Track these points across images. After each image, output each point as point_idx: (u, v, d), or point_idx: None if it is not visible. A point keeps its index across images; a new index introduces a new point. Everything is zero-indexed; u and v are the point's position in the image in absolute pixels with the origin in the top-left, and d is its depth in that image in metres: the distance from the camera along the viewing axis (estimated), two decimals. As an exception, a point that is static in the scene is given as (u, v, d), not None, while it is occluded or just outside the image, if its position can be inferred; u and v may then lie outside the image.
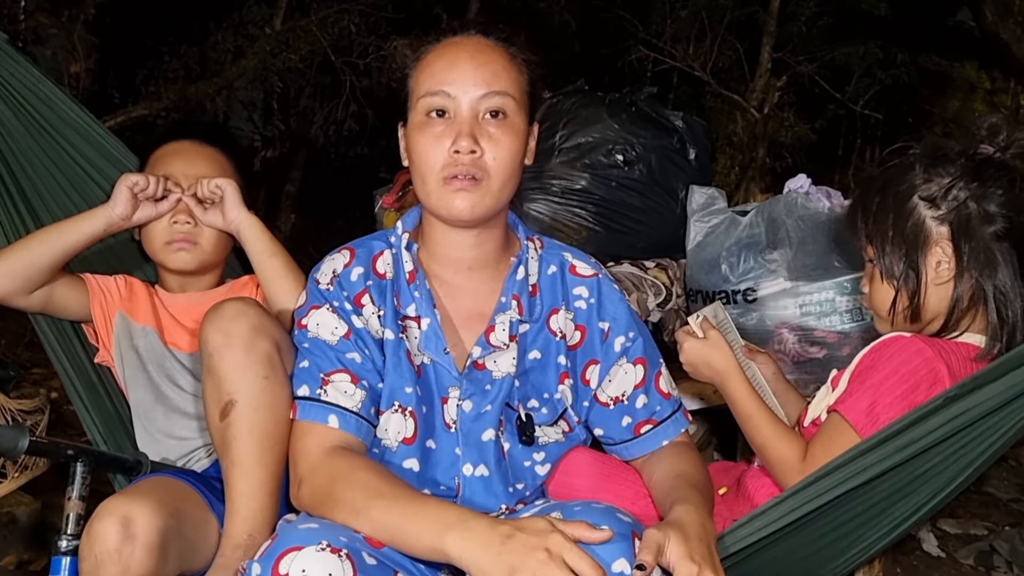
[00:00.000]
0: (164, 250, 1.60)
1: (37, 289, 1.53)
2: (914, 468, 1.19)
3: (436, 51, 1.27)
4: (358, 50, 5.93)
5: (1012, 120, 1.37)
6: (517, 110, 1.25)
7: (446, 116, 1.23)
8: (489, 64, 1.23)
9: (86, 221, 1.53)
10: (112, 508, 1.16)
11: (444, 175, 1.22)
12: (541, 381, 1.34)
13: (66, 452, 1.28)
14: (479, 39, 1.27)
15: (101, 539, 1.14)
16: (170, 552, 1.19)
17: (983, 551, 2.58)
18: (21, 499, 2.42)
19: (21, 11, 4.86)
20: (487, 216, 1.26)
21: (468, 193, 1.22)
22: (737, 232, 2.19)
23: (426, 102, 1.24)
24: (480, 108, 1.22)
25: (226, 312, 1.26)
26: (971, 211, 1.30)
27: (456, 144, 1.20)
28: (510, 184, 1.25)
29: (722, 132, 6.55)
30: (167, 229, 1.58)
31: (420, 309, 1.29)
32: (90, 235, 1.52)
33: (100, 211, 1.53)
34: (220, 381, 1.24)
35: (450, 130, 1.22)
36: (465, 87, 1.22)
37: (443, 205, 1.23)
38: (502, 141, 1.22)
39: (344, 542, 1.02)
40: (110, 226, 1.53)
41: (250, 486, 1.23)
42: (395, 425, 1.26)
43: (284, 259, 1.50)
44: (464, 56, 1.24)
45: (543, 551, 0.94)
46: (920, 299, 1.33)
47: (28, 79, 1.71)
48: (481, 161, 1.21)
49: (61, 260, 1.53)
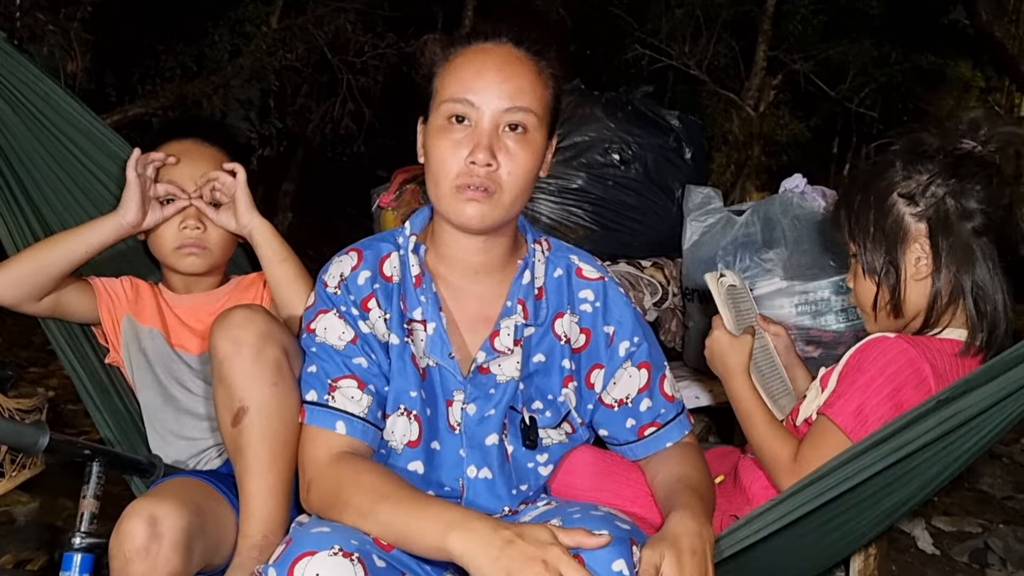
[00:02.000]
0: (174, 254, 1.59)
1: (46, 296, 1.54)
2: (905, 465, 1.21)
3: (465, 55, 1.25)
4: (355, 48, 5.93)
5: (993, 115, 1.38)
6: (538, 126, 1.24)
7: (466, 123, 1.23)
8: (515, 78, 1.22)
9: (96, 229, 1.53)
10: (140, 508, 1.21)
11: (458, 183, 1.22)
12: (545, 384, 1.34)
13: (83, 452, 1.31)
14: (509, 49, 1.25)
15: (130, 538, 1.19)
16: (195, 549, 1.24)
17: (977, 548, 2.59)
18: (19, 498, 2.42)
19: (17, 8, 4.85)
20: (496, 226, 1.26)
21: (479, 204, 1.21)
22: (733, 231, 2.19)
23: (449, 107, 1.23)
24: (502, 121, 1.21)
25: (235, 319, 1.28)
26: (949, 207, 1.31)
27: (473, 155, 1.19)
28: (522, 197, 1.25)
29: (718, 130, 6.57)
30: (177, 234, 1.58)
31: (426, 313, 1.29)
32: (100, 243, 1.52)
33: (110, 219, 1.53)
34: (231, 388, 1.27)
35: (469, 139, 1.21)
36: (489, 98, 1.21)
37: (453, 212, 1.24)
38: (519, 157, 1.22)
39: (355, 546, 1.04)
40: (120, 233, 1.54)
41: (263, 489, 1.26)
42: (401, 428, 1.27)
43: (294, 264, 1.51)
44: (492, 66, 1.23)
45: (540, 563, 0.96)
46: (901, 295, 1.35)
47: (26, 76, 1.71)
48: (496, 174, 1.21)
49: (70, 268, 1.53)
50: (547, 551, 0.97)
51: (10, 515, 2.41)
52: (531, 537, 0.98)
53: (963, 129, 1.34)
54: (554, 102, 1.28)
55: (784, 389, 1.58)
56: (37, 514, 2.43)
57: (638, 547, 1.07)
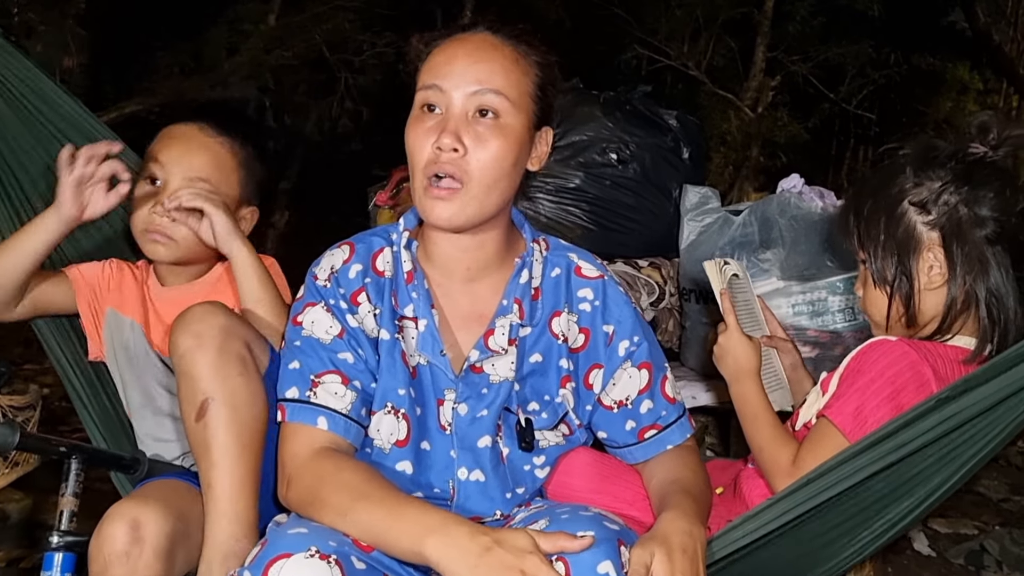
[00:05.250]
0: (141, 237, 1.53)
1: (17, 303, 1.50)
2: (906, 470, 1.19)
3: (441, 46, 1.24)
4: (352, 47, 5.92)
5: (1003, 118, 1.36)
6: (512, 111, 1.20)
7: (436, 111, 1.20)
8: (487, 61, 1.20)
9: (40, 227, 1.44)
10: (122, 511, 1.17)
11: (427, 173, 1.19)
12: (542, 384, 1.32)
13: (58, 449, 1.28)
14: (484, 36, 1.23)
15: (110, 541, 1.15)
16: (177, 555, 1.19)
17: (973, 551, 2.59)
18: (12, 496, 2.41)
19: (13, 5, 4.83)
20: (470, 224, 1.22)
21: (446, 203, 1.18)
22: (730, 231, 2.19)
23: (421, 95, 1.22)
24: (470, 105, 1.19)
25: (194, 315, 1.24)
26: (962, 215, 1.29)
27: (439, 140, 1.17)
28: (497, 189, 1.20)
29: (716, 131, 6.56)
30: (146, 217, 1.51)
31: (418, 310, 1.27)
32: (46, 241, 1.45)
33: (50, 213, 1.44)
34: (194, 381, 1.21)
35: (438, 126, 1.18)
36: (457, 82, 1.18)
37: (424, 209, 1.21)
38: (489, 143, 1.18)
39: (333, 547, 1.02)
40: (66, 226, 1.44)
41: (232, 485, 1.20)
42: (387, 426, 1.25)
43: (270, 305, 1.42)
44: (462, 52, 1.21)
45: (518, 572, 0.94)
46: (915, 305, 1.33)
47: (22, 72, 1.70)
48: (463, 161, 1.17)
49: (28, 271, 1.47)
50: (525, 560, 0.95)
51: (3, 513, 2.40)
52: (509, 544, 0.97)
53: (972, 133, 1.32)
54: (537, 90, 1.24)
55: (778, 383, 1.58)
56: (30, 512, 2.42)
57: (627, 547, 1.05)
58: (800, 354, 1.62)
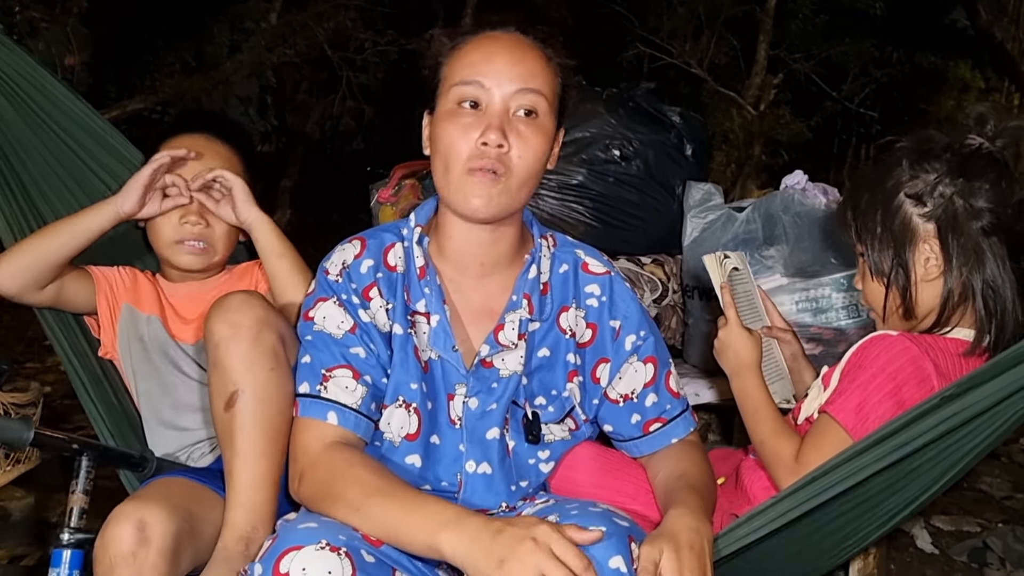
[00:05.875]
0: (172, 248, 1.59)
1: (48, 285, 1.53)
2: (907, 465, 1.19)
3: (473, 42, 1.25)
4: (354, 45, 5.92)
5: (1000, 109, 1.35)
6: (548, 111, 1.23)
7: (478, 108, 1.22)
8: (526, 61, 1.22)
9: (95, 215, 1.52)
10: (128, 512, 1.17)
11: (469, 166, 1.21)
12: (549, 379, 1.33)
13: (71, 446, 1.29)
14: (517, 36, 1.25)
15: (116, 542, 1.15)
16: (183, 555, 1.20)
17: (976, 548, 2.58)
18: (14, 493, 2.42)
19: (16, 3, 4.83)
20: (502, 213, 1.23)
21: (487, 186, 1.20)
22: (733, 228, 2.19)
23: (458, 91, 1.22)
24: (512, 104, 1.21)
25: (232, 304, 1.26)
26: (957, 207, 1.29)
27: (485, 136, 1.18)
28: (529, 184, 1.24)
29: (718, 129, 6.57)
30: (177, 228, 1.57)
31: (430, 305, 1.28)
32: (99, 229, 1.52)
33: (108, 205, 1.52)
34: (226, 372, 1.23)
35: (479, 122, 1.20)
36: (500, 80, 1.20)
37: (462, 197, 1.22)
38: (531, 141, 1.21)
39: (343, 540, 1.03)
40: (116, 220, 1.53)
41: (253, 477, 1.23)
42: (398, 420, 1.26)
43: (292, 258, 1.50)
44: (502, 50, 1.22)
45: (530, 540, 0.96)
46: (912, 297, 1.33)
47: (25, 69, 1.70)
48: (506, 157, 1.20)
49: (70, 255, 1.53)
50: (535, 529, 0.97)
51: (5, 511, 2.41)
52: (520, 523, 0.99)
53: (970, 124, 1.32)
54: (562, 91, 1.27)
55: (778, 373, 1.57)
56: (32, 510, 2.43)
57: (636, 544, 1.06)
58: (801, 344, 1.62)
